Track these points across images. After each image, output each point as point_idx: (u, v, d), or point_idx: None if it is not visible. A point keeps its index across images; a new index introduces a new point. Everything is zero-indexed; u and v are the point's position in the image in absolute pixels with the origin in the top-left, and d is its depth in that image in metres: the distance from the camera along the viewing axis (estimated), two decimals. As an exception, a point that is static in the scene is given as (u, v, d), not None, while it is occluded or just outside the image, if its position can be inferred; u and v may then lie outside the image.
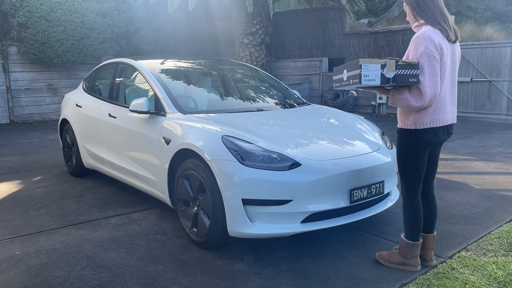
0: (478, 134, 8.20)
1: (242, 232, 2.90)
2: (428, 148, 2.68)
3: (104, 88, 4.91)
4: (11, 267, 2.90)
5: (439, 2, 2.59)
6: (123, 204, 4.16)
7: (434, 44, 2.48)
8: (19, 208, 4.09)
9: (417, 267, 2.79)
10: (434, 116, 2.57)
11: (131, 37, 11.26)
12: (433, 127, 2.59)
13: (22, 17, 9.61)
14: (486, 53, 10.29)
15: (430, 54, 2.46)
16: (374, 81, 2.43)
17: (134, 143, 3.96)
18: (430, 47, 2.47)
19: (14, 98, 10.12)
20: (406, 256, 2.80)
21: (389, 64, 2.41)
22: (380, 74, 2.42)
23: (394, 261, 2.85)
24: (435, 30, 2.52)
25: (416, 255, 2.80)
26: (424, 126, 2.57)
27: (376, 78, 2.42)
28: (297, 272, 2.81)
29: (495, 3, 20.23)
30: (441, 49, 2.51)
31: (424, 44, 2.47)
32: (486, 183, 4.81)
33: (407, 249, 2.79)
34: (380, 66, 2.41)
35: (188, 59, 5.16)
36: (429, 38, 2.47)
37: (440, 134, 2.64)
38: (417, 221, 2.75)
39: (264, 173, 2.87)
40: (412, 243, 2.77)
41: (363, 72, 2.42)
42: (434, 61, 2.47)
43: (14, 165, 5.90)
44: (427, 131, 2.59)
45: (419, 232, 2.79)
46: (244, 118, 3.66)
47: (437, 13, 2.56)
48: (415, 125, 2.58)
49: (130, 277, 2.75)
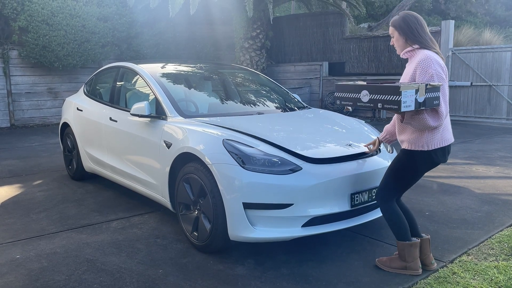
0: (478, 138, 8.20)
1: (243, 236, 2.90)
2: (431, 168, 2.74)
3: (105, 92, 4.92)
4: (12, 270, 2.90)
5: (425, 26, 2.69)
6: (123, 208, 4.16)
7: (440, 65, 2.57)
8: (19, 212, 4.09)
9: (418, 270, 2.79)
10: (443, 135, 2.65)
11: (132, 41, 11.29)
12: (442, 147, 2.65)
13: (23, 21, 9.64)
14: (486, 58, 10.31)
15: (439, 75, 2.54)
16: (410, 106, 2.37)
17: (135, 147, 3.97)
18: (438, 69, 2.55)
19: (15, 102, 10.14)
20: (406, 260, 2.80)
21: (421, 89, 2.38)
22: (414, 99, 2.38)
23: (395, 266, 2.85)
24: (434, 53, 2.60)
25: (416, 257, 2.80)
26: (435, 146, 2.62)
27: (412, 104, 2.38)
28: (298, 276, 2.80)
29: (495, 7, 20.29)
30: (444, 71, 2.59)
31: (433, 66, 2.54)
32: (486, 187, 4.81)
33: (406, 250, 2.79)
34: (415, 91, 2.37)
35: (189, 63, 5.17)
36: (435, 61, 2.56)
37: (446, 153, 2.71)
38: (400, 220, 2.80)
39: (265, 177, 2.87)
40: (408, 243, 2.78)
41: (403, 99, 2.33)
42: (443, 82, 2.54)
43: (15, 168, 5.90)
44: (436, 151, 2.64)
45: (407, 231, 2.81)
46: (244, 121, 3.67)
47: (427, 38, 2.66)
48: (428, 146, 2.62)
49: (130, 281, 2.74)
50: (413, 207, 4.12)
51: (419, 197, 4.45)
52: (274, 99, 4.66)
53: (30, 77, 10.34)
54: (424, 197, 4.46)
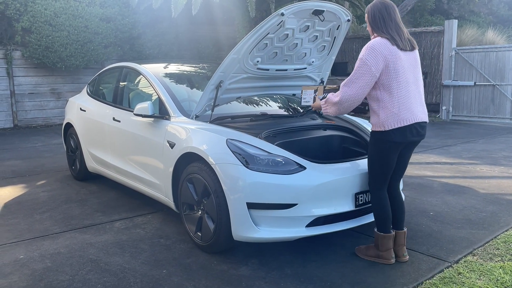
0: (482, 138, 8.17)
1: (247, 236, 2.89)
2: (397, 148, 2.81)
3: (108, 92, 4.92)
4: (16, 271, 2.90)
5: (393, 13, 2.80)
6: (127, 208, 4.16)
7: (376, 53, 2.69)
8: (23, 212, 4.09)
9: (390, 260, 2.91)
10: (399, 116, 2.71)
11: (135, 41, 11.29)
12: (400, 127, 2.71)
13: (26, 22, 9.65)
14: (490, 57, 10.27)
15: (364, 61, 2.70)
16: (309, 102, 3.30)
17: (138, 147, 3.96)
18: (369, 56, 2.70)
19: (18, 102, 10.15)
20: (380, 249, 2.91)
21: (319, 89, 3.24)
22: (313, 96, 3.26)
23: (370, 254, 2.98)
24: (382, 40, 2.73)
25: (389, 248, 2.91)
26: (392, 126, 2.71)
27: (310, 100, 3.29)
28: (302, 276, 2.79)
29: (498, 7, 20.23)
30: (388, 58, 2.69)
31: (367, 53, 2.72)
32: (491, 187, 4.79)
33: (380, 241, 2.91)
34: (314, 91, 3.27)
35: (192, 63, 5.17)
36: (373, 48, 2.71)
37: (408, 134, 2.75)
38: (385, 213, 2.89)
39: (269, 177, 2.86)
40: (383, 235, 2.89)
41: (303, 96, 3.32)
42: (365, 68, 2.70)
43: (18, 169, 5.90)
44: (394, 131, 2.71)
45: (389, 224, 2.91)
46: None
47: (392, 26, 2.77)
48: (384, 127, 2.72)
49: (134, 282, 2.74)
50: (417, 207, 4.10)
51: (423, 197, 4.43)
52: (277, 98, 4.64)
53: (33, 77, 10.36)
54: (428, 197, 4.44)
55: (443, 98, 11.03)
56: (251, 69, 3.53)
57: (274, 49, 3.44)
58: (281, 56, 3.55)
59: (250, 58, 3.41)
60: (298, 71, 3.85)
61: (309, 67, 3.85)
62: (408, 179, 5.07)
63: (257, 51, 3.37)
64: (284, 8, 3.07)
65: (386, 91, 2.72)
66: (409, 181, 5.03)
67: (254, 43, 3.25)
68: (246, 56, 3.35)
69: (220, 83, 3.42)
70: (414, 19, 17.28)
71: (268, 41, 3.32)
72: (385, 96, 2.72)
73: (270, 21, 3.13)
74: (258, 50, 3.37)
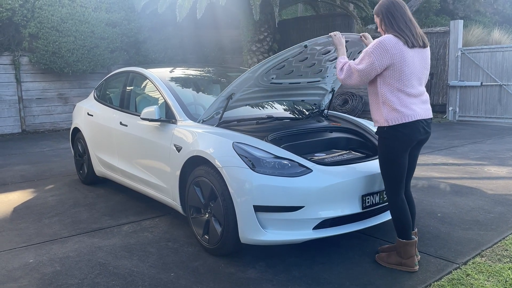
0: (490, 139, 8.11)
1: (254, 239, 2.90)
2: (406, 147, 2.77)
3: (115, 97, 4.96)
4: (25, 275, 2.92)
5: (406, 12, 2.76)
6: (134, 212, 4.18)
7: (382, 50, 2.65)
8: (32, 217, 4.13)
9: (413, 267, 2.84)
10: (402, 112, 2.70)
11: (140, 46, 11.37)
12: (405, 123, 2.70)
13: (33, 28, 9.75)
14: (496, 57, 10.21)
15: (369, 55, 2.68)
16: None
17: (145, 150, 3.99)
18: (375, 51, 2.67)
19: (26, 107, 10.25)
20: (402, 257, 2.85)
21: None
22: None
23: (392, 262, 2.92)
24: (392, 38, 2.69)
25: (412, 255, 2.85)
26: (395, 122, 2.70)
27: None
28: (309, 279, 2.79)
29: (504, 6, 20.11)
30: (395, 56, 2.66)
31: (371, 49, 2.69)
32: (499, 188, 4.76)
33: (403, 248, 2.85)
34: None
35: (197, 67, 5.19)
36: (381, 44, 2.66)
37: (415, 130, 2.73)
38: (405, 218, 2.83)
39: (275, 180, 2.87)
40: (406, 242, 2.83)
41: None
42: (368, 60, 2.68)
43: (26, 174, 5.96)
44: (400, 127, 2.71)
45: (410, 230, 2.85)
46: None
47: (402, 22, 2.73)
48: (388, 122, 2.71)
49: (142, 285, 2.76)
50: (425, 209, 4.08)
51: (430, 199, 4.41)
52: (283, 102, 4.65)
53: (40, 83, 10.45)
54: (436, 199, 4.42)
55: (450, 99, 10.97)
56: (265, 84, 3.52)
57: (291, 67, 3.42)
58: (296, 72, 3.53)
59: (266, 76, 3.40)
60: (311, 83, 3.85)
61: (323, 80, 3.85)
62: (415, 181, 5.05)
63: (274, 70, 3.35)
64: (307, 41, 3.05)
65: (389, 88, 2.71)
66: (417, 182, 5.01)
67: (272, 65, 3.24)
68: (262, 75, 3.35)
69: (232, 95, 3.44)
70: (419, 20, 17.22)
71: (287, 63, 3.30)
72: (387, 92, 2.72)
73: (292, 51, 3.12)
74: (275, 69, 3.35)
